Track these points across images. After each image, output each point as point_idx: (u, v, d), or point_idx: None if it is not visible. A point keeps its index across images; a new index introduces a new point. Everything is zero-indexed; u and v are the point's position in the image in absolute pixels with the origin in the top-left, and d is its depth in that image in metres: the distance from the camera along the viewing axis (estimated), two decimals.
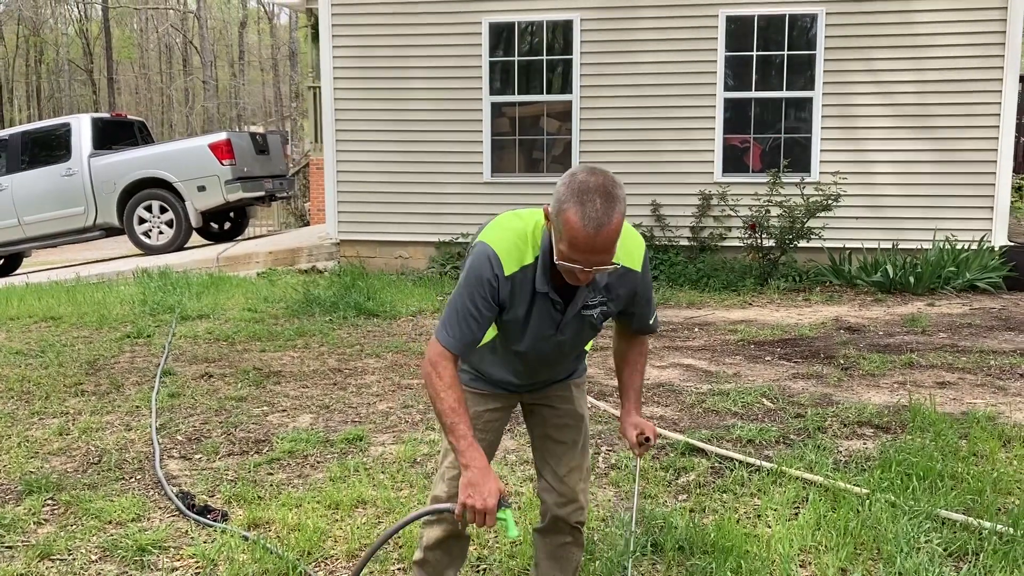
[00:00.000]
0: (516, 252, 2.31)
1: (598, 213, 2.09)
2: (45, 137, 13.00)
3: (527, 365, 2.54)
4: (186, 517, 3.92)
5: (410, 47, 10.31)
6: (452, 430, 2.28)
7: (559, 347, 2.49)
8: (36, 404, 5.58)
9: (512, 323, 2.40)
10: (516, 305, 2.35)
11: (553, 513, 2.67)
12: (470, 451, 2.25)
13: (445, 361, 2.32)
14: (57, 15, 51.62)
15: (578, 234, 2.10)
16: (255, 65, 52.58)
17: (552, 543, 2.74)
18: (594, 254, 2.13)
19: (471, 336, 2.33)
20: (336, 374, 6.19)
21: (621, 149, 10.03)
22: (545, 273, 2.31)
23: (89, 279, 10.40)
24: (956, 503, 3.79)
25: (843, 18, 9.49)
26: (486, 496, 2.19)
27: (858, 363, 6.19)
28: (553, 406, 2.65)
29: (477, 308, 2.32)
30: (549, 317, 2.38)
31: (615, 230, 2.12)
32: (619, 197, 2.14)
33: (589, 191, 2.10)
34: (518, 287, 2.33)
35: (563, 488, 2.64)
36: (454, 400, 2.28)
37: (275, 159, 14.10)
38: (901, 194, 9.57)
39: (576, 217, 2.10)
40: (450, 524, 2.59)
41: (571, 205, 2.11)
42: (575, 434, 2.66)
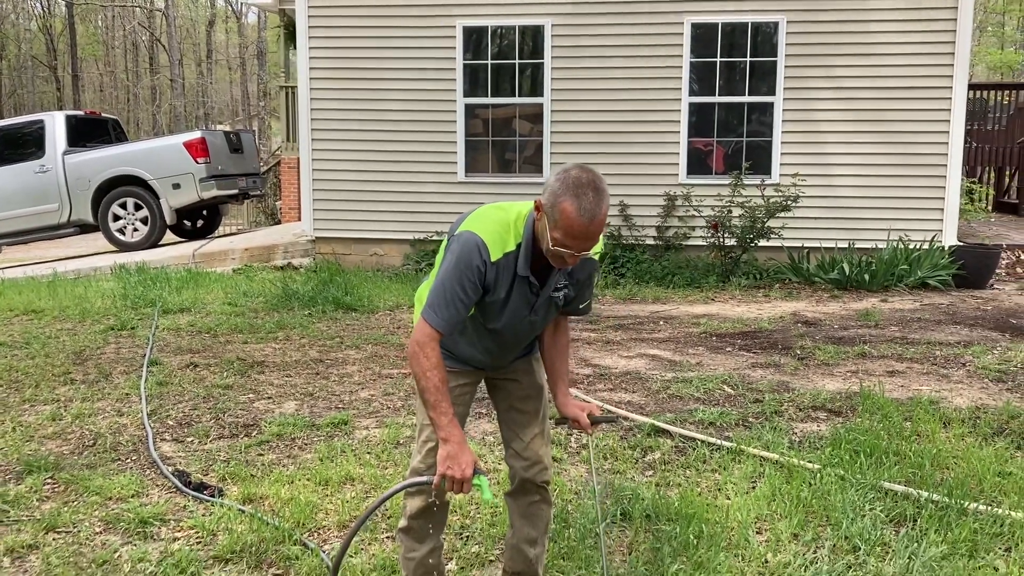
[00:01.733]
0: (500, 240, 2.56)
1: (591, 204, 2.37)
2: (17, 134, 13.02)
3: (499, 345, 2.80)
4: (183, 493, 4.16)
5: (386, 49, 10.56)
6: (435, 407, 2.54)
7: (531, 327, 2.76)
8: (26, 392, 5.76)
9: (492, 304, 2.66)
10: (498, 288, 2.60)
11: (521, 476, 2.94)
12: (450, 427, 2.52)
13: (433, 342, 2.57)
14: (19, 10, 50.95)
15: (574, 223, 2.37)
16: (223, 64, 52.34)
17: (523, 503, 3.00)
18: (586, 241, 2.41)
19: (457, 317, 2.59)
20: (318, 364, 6.43)
21: (591, 151, 10.35)
22: (527, 259, 2.59)
23: (66, 275, 10.51)
24: (899, 476, 4.14)
25: (803, 27, 9.89)
26: (463, 467, 2.47)
27: (814, 353, 6.56)
28: (518, 380, 2.92)
29: (464, 292, 2.55)
30: (525, 299, 2.66)
31: (604, 220, 2.42)
32: (606, 191, 2.43)
33: (583, 185, 2.38)
34: (501, 272, 2.57)
35: (528, 453, 2.91)
36: (439, 380, 2.54)
37: (248, 157, 14.25)
38: (857, 196, 9.99)
39: (573, 208, 2.37)
40: (430, 495, 2.84)
41: (567, 198, 2.38)
42: (537, 404, 2.94)
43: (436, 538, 2.99)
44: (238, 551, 3.55)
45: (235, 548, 3.57)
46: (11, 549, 3.61)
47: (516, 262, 2.58)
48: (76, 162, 12.46)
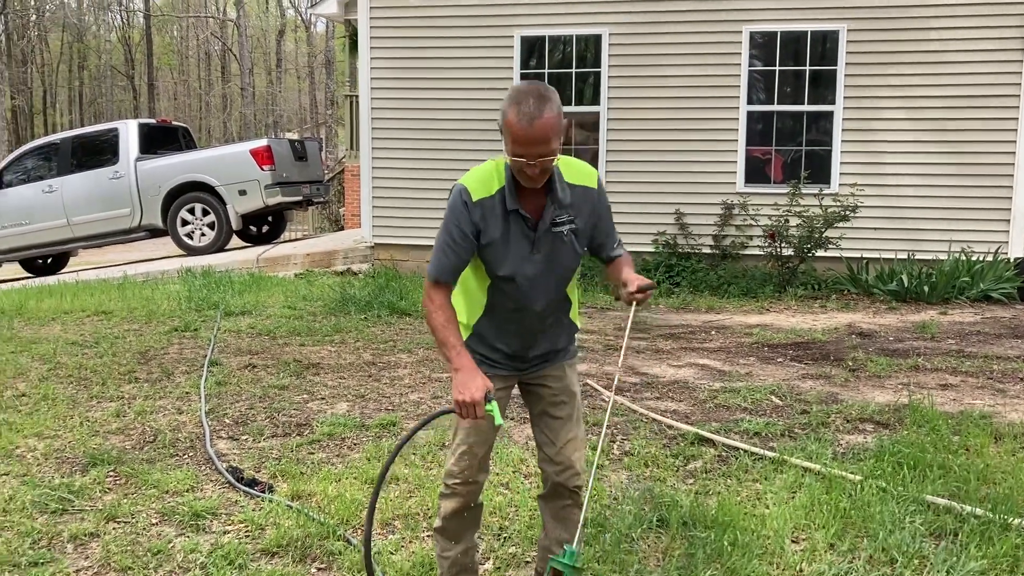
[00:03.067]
0: (483, 183, 2.70)
1: (531, 109, 2.50)
2: (94, 141, 13.57)
3: (525, 308, 2.82)
4: (235, 488, 4.32)
5: (445, 59, 10.74)
6: (444, 342, 2.68)
7: (544, 269, 2.78)
8: (94, 389, 6.03)
9: (491, 247, 2.73)
10: (490, 228, 2.70)
11: (553, 480, 3.00)
12: (458, 357, 2.64)
13: (434, 289, 2.72)
14: (100, 22, 52.84)
15: (516, 129, 2.51)
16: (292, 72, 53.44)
17: (555, 506, 3.06)
18: (533, 146, 2.51)
19: (450, 263, 2.71)
20: (370, 367, 6.59)
21: (647, 159, 10.38)
22: (512, 194, 2.69)
23: (136, 277, 10.90)
24: (942, 490, 4.10)
25: (864, 34, 9.77)
26: (473, 391, 2.55)
27: (866, 365, 6.49)
28: (549, 385, 2.97)
29: (453, 237, 2.69)
30: (523, 235, 2.73)
31: (548, 123, 2.50)
32: (550, 98, 2.53)
33: (523, 93, 2.53)
34: (488, 211, 2.69)
35: (560, 458, 2.96)
36: (444, 318, 2.69)
37: (313, 165, 14.58)
38: (919, 206, 9.82)
39: (513, 115, 2.51)
40: (464, 498, 2.94)
41: (509, 107, 2.54)
42: (570, 409, 2.98)
43: (470, 538, 3.07)
44: (284, 545, 3.69)
45: (282, 542, 3.71)
46: (75, 536, 3.81)
47: (503, 201, 2.70)
48: (147, 168, 12.92)
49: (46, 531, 3.85)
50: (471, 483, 2.91)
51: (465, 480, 2.89)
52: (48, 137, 14.99)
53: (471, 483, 2.91)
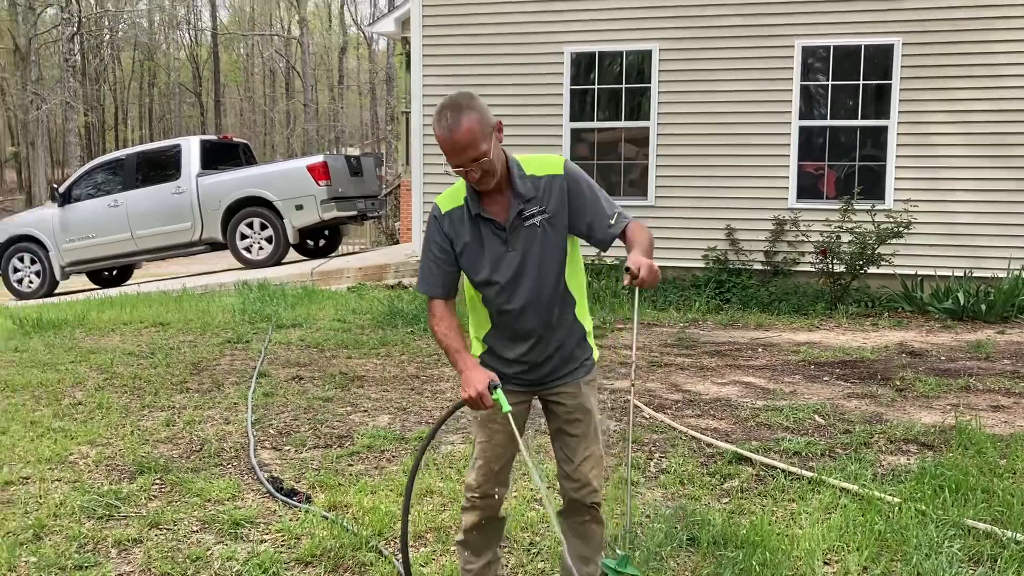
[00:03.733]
0: (450, 196, 2.88)
1: (449, 121, 2.64)
2: (157, 157, 13.98)
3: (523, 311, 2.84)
4: (275, 498, 4.43)
5: (495, 75, 10.84)
6: (447, 349, 2.84)
7: (522, 269, 2.81)
8: (147, 399, 6.22)
9: (466, 253, 2.85)
10: (460, 235, 2.84)
11: (570, 496, 3.03)
12: (461, 359, 2.80)
13: (430, 305, 2.91)
14: (170, 40, 54.42)
15: (441, 142, 2.67)
16: (354, 89, 54.35)
17: (574, 522, 3.08)
18: (460, 153, 2.66)
19: (433, 277, 2.87)
20: (414, 380, 6.67)
21: (697, 175, 10.34)
22: (474, 200, 2.81)
23: (194, 290, 11.20)
24: (984, 514, 4.01)
25: (919, 48, 9.62)
26: (476, 384, 2.67)
27: (914, 385, 6.37)
28: (563, 403, 2.98)
29: (432, 252, 2.87)
30: (494, 236, 2.83)
31: (467, 130, 2.63)
32: (467, 106, 2.66)
33: (443, 108, 2.69)
34: (456, 220, 2.84)
35: (577, 475, 2.98)
36: (444, 328, 2.86)
37: (368, 180, 14.82)
38: (976, 222, 9.61)
39: (437, 129, 2.68)
40: (482, 511, 2.99)
41: (434, 123, 2.70)
42: (585, 427, 2.99)
43: (492, 551, 3.11)
44: (318, 555, 3.77)
45: (316, 552, 3.79)
46: (119, 541, 3.95)
47: (468, 207, 2.82)
48: (208, 184, 13.26)
49: (92, 536, 3.99)
50: (489, 496, 2.95)
51: (484, 493, 2.94)
52: (114, 153, 15.49)
53: (489, 496, 2.95)
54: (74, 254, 13.74)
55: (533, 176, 2.82)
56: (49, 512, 4.22)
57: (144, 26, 50.24)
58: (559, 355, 2.94)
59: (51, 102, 33.39)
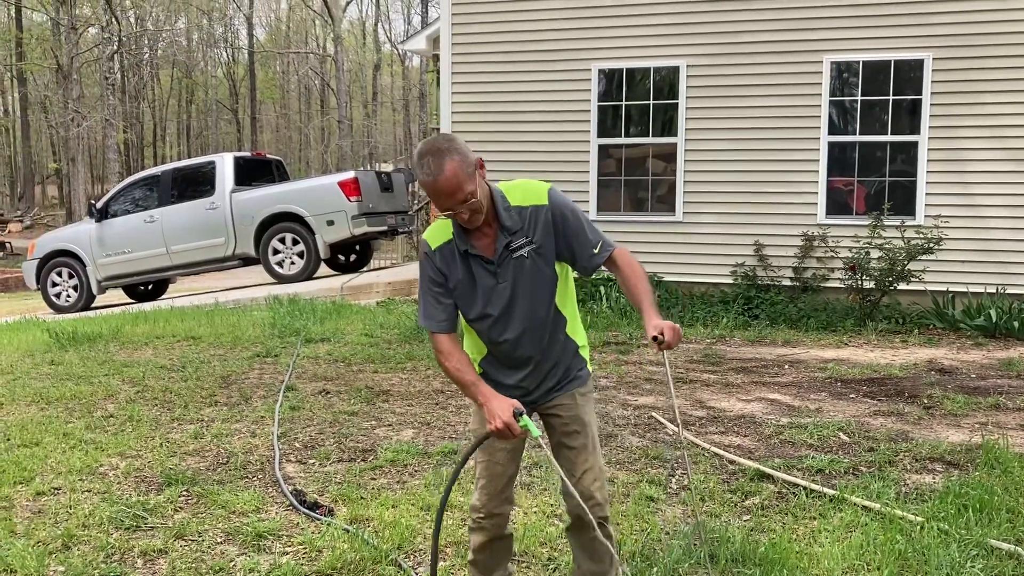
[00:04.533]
0: (439, 233, 2.87)
1: (431, 168, 2.63)
2: (192, 173, 14.23)
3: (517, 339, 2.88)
4: (298, 511, 4.48)
5: (523, 92, 10.92)
6: (462, 384, 2.82)
7: (513, 300, 2.84)
8: (176, 411, 6.32)
9: (459, 290, 2.87)
10: (453, 271, 2.85)
11: (576, 512, 3.03)
12: (479, 391, 2.77)
13: (435, 340, 2.88)
14: (207, 58, 55.33)
15: (426, 187, 2.67)
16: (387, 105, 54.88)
17: (583, 538, 3.08)
18: (447, 198, 2.66)
19: (435, 311, 2.87)
20: (438, 395, 6.72)
21: (725, 191, 10.32)
22: (462, 236, 2.82)
23: (226, 304, 11.36)
24: (1008, 535, 3.96)
25: (950, 63, 9.54)
26: (501, 415, 2.66)
27: (942, 403, 6.30)
28: (559, 415, 3.00)
29: (428, 287, 2.88)
30: (484, 270, 2.84)
31: (450, 175, 2.62)
32: (447, 149, 2.64)
33: (423, 155, 2.66)
34: (447, 256, 2.84)
35: (580, 488, 2.97)
36: (455, 363, 2.83)
37: (398, 196, 14.95)
38: (1010, 238, 9.49)
39: (420, 176, 2.66)
40: (489, 531, 3.02)
41: (417, 170, 2.68)
42: (583, 439, 3.00)
43: (503, 568, 3.14)
44: (339, 568, 3.82)
45: (336, 565, 3.83)
46: (144, 552, 4.02)
47: (456, 243, 2.83)
48: (242, 199, 13.46)
49: (119, 546, 4.07)
50: (495, 515, 2.98)
51: (489, 513, 2.96)
52: (150, 170, 15.79)
53: (495, 515, 2.98)
54: (110, 269, 14.00)
55: (518, 207, 2.83)
56: (78, 522, 4.31)
57: (183, 44, 51.13)
58: (554, 374, 2.99)
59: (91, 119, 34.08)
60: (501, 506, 2.99)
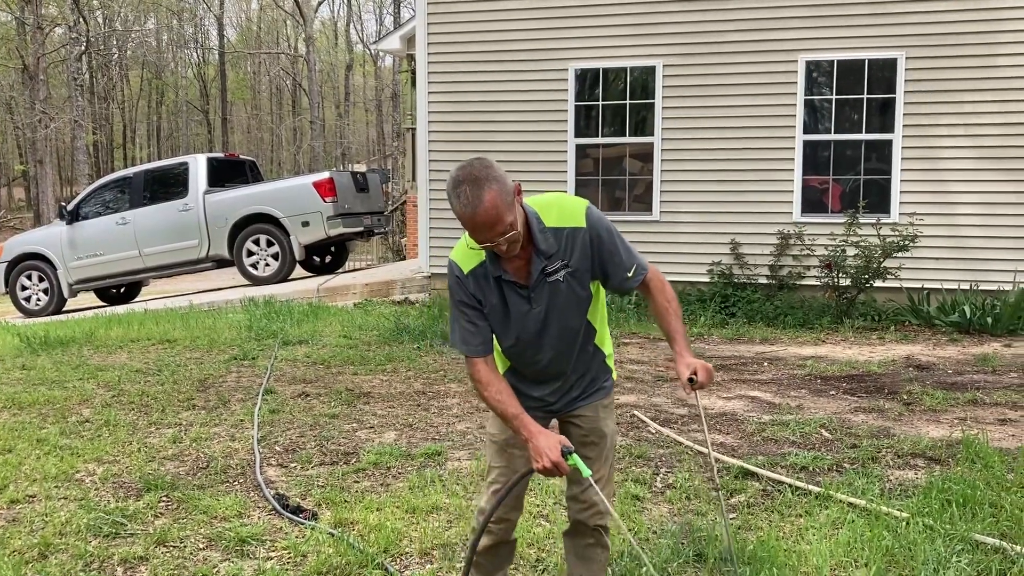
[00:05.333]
0: (470, 254, 2.69)
1: (470, 199, 2.44)
2: (165, 175, 14.04)
3: (548, 361, 2.81)
4: (281, 515, 4.42)
5: (500, 92, 10.89)
6: (504, 415, 2.69)
7: (546, 324, 2.74)
8: (154, 416, 6.23)
9: (493, 316, 2.74)
10: (488, 296, 2.70)
11: (576, 517, 3.00)
12: (523, 426, 2.64)
13: (473, 366, 2.74)
14: (178, 59, 54.78)
15: (464, 220, 2.48)
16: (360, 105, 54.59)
17: (578, 545, 3.06)
18: (486, 231, 2.48)
19: (471, 336, 2.72)
20: (420, 396, 6.68)
21: (701, 190, 10.35)
22: (494, 261, 2.67)
23: (201, 307, 11.23)
24: (992, 529, 3.98)
25: (923, 62, 9.63)
26: (550, 454, 2.56)
27: (921, 399, 6.35)
28: (579, 425, 2.95)
29: (461, 311, 2.72)
30: (517, 295, 2.71)
31: (490, 206, 2.44)
32: (485, 178, 2.46)
33: (459, 183, 2.48)
34: (482, 281, 2.69)
35: (585, 496, 2.95)
36: (495, 392, 2.69)
37: (374, 197, 14.86)
38: (982, 235, 9.59)
39: (456, 207, 2.48)
40: (496, 535, 2.96)
41: (452, 199, 2.50)
42: (599, 450, 2.96)
43: (503, 571, 3.10)
44: (324, 572, 3.77)
45: (321, 569, 3.78)
46: (125, 559, 3.95)
47: (489, 268, 2.69)
48: (215, 201, 13.31)
49: (98, 554, 3.99)
50: (504, 520, 2.94)
51: (499, 518, 2.92)
52: (122, 171, 15.57)
53: (504, 520, 2.94)
54: (82, 272, 13.79)
55: (554, 228, 2.67)
56: (55, 530, 4.23)
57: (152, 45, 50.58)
58: (579, 384, 2.93)
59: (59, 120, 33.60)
60: (511, 512, 2.95)
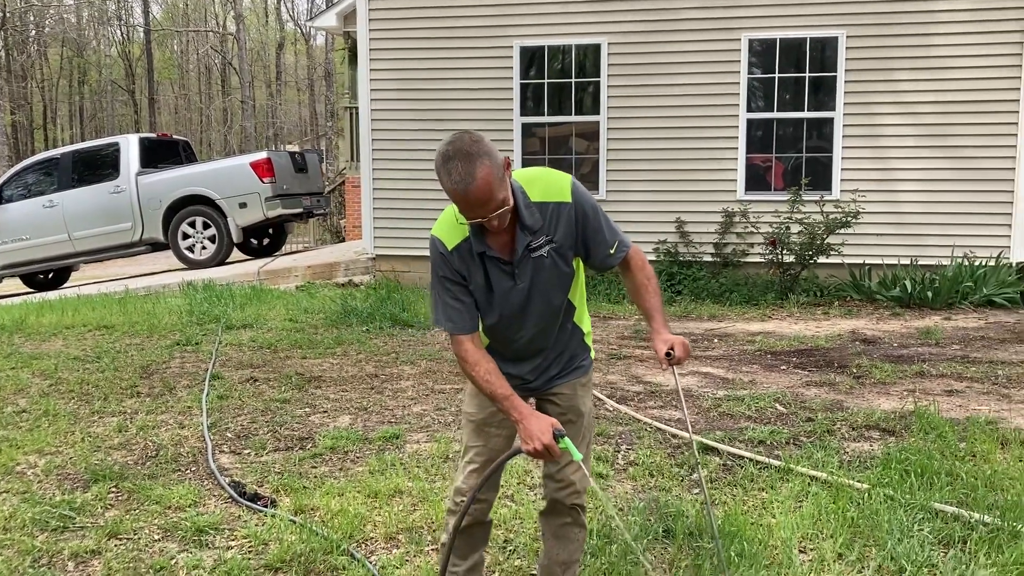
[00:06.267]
0: (454, 229, 2.63)
1: (462, 175, 2.38)
2: (94, 156, 13.56)
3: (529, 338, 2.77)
4: (238, 503, 4.29)
5: (445, 70, 10.74)
6: (493, 396, 2.62)
7: (529, 300, 2.71)
8: (96, 404, 6.00)
9: (477, 292, 2.68)
10: (473, 273, 2.65)
11: (552, 496, 2.96)
12: (513, 407, 2.58)
13: (459, 344, 2.67)
14: (100, 37, 52.99)
15: (454, 196, 2.43)
16: (291, 85, 53.55)
17: (555, 524, 3.01)
18: (478, 208, 2.43)
19: (458, 313, 2.66)
20: (373, 379, 6.56)
21: (647, 168, 10.37)
22: (478, 236, 2.61)
23: (137, 292, 10.89)
24: (950, 497, 4.07)
25: (863, 41, 9.77)
26: (541, 437, 2.49)
27: (870, 372, 6.47)
28: (557, 403, 2.91)
29: (446, 288, 2.66)
30: (501, 272, 2.66)
31: (483, 182, 2.38)
32: (477, 153, 2.39)
33: (450, 158, 2.41)
34: (466, 257, 2.63)
35: (561, 475, 2.91)
36: (484, 372, 2.63)
37: (313, 177, 14.58)
38: (921, 211, 9.81)
39: (446, 182, 2.42)
40: (472, 516, 2.89)
41: (442, 175, 2.43)
42: (575, 429, 2.91)
43: (478, 553, 3.04)
44: (288, 560, 3.66)
45: (285, 557, 3.68)
46: (75, 554, 3.78)
47: (473, 244, 2.62)
48: (148, 182, 12.91)
49: (47, 549, 3.82)
50: (481, 501, 2.88)
51: (475, 498, 2.86)
52: (48, 152, 15.01)
53: (481, 501, 2.88)
54: (7, 257, 13.28)
55: (539, 203, 2.63)
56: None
57: (72, 22, 48.81)
58: (558, 362, 2.89)
59: None
60: (488, 492, 2.89)
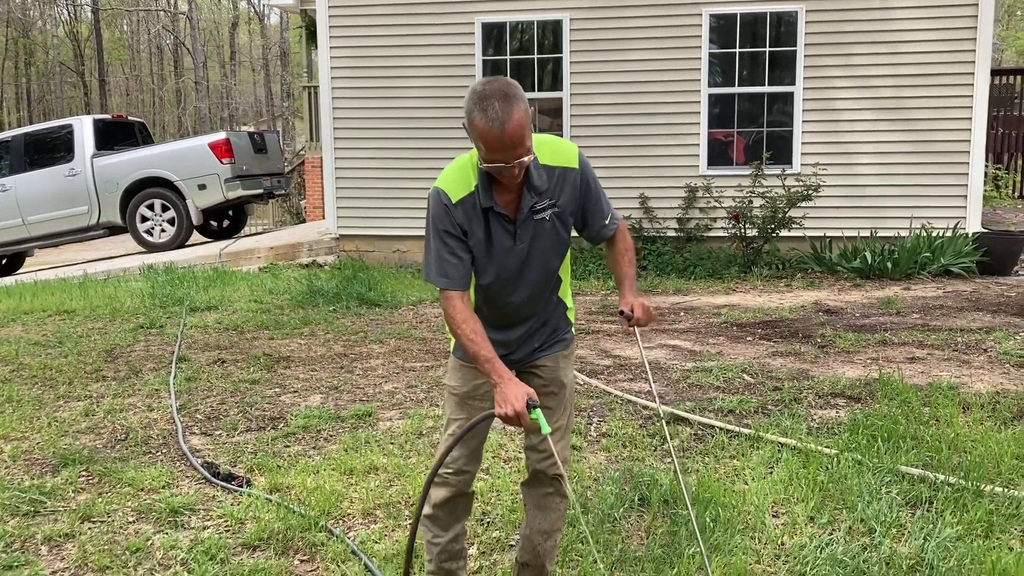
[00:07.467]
0: (459, 182, 2.60)
1: (499, 113, 2.37)
2: (47, 138, 13.26)
3: (517, 299, 2.77)
4: (212, 484, 4.27)
5: (406, 47, 10.66)
6: (476, 356, 2.60)
7: (526, 262, 2.71)
8: (60, 389, 5.91)
9: (477, 248, 2.67)
10: (474, 229, 2.62)
11: (534, 467, 2.98)
12: (494, 370, 2.56)
13: (449, 300, 2.63)
14: (46, 17, 51.70)
15: (488, 137, 2.39)
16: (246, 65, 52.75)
17: (537, 494, 3.03)
18: (508, 150, 2.40)
19: (453, 268, 2.62)
20: (342, 359, 6.54)
21: (611, 144, 10.40)
22: (487, 191, 2.59)
23: (97, 276, 10.71)
24: (916, 460, 4.17)
25: (822, 15, 9.87)
26: (514, 403, 2.48)
27: (834, 341, 6.58)
28: (539, 375, 2.92)
29: (444, 241, 2.61)
30: (503, 230, 2.65)
31: (518, 124, 2.38)
32: (516, 96, 2.40)
33: (488, 97, 2.39)
34: (470, 211, 2.60)
35: (543, 445, 2.90)
36: (470, 331, 2.60)
37: (273, 158, 14.41)
38: (879, 184, 9.97)
39: (481, 121, 2.39)
40: (455, 487, 2.92)
41: (476, 113, 2.40)
42: (558, 400, 2.93)
43: (461, 524, 3.06)
44: (265, 538, 3.66)
45: (263, 535, 3.67)
46: (48, 538, 3.74)
47: (479, 198, 2.61)
48: (104, 165, 12.67)
49: (19, 533, 3.78)
50: (464, 472, 2.89)
51: (458, 470, 2.87)
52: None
53: (464, 472, 2.89)
54: None
55: (547, 166, 2.64)
56: None
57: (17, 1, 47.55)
58: (541, 334, 2.90)
59: None
60: (470, 463, 2.90)
